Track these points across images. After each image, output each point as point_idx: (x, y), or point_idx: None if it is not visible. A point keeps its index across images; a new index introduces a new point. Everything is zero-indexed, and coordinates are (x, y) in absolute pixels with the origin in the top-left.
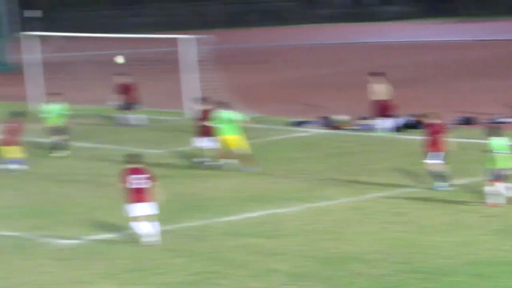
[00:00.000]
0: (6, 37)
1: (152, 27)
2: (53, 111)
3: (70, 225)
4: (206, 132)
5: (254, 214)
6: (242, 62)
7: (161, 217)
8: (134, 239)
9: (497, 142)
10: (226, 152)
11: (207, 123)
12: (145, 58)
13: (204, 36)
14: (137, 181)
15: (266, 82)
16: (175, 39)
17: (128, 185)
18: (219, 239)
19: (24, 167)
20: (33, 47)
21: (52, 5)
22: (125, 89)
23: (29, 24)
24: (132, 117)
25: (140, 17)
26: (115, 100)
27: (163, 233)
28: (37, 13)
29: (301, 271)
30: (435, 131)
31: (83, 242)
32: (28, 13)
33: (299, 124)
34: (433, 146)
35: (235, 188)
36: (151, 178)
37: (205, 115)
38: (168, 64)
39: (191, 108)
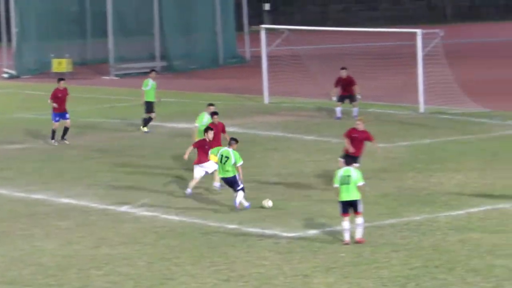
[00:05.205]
0: (237, 31)
1: (383, 20)
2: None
3: (293, 218)
4: None
5: (478, 209)
6: (481, 57)
7: (384, 211)
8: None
9: None
10: None
11: None
12: (374, 52)
13: (435, 30)
14: None
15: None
16: (405, 33)
17: None
18: (441, 234)
19: None
20: (263, 40)
21: None
22: (346, 83)
23: (258, 18)
24: (340, 109)
25: (372, 11)
26: (336, 93)
27: (386, 227)
28: (267, 6)
29: None
30: None
31: (304, 235)
32: (266, 7)
33: None
34: None
35: (459, 182)
36: None
37: None
38: (398, 58)
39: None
